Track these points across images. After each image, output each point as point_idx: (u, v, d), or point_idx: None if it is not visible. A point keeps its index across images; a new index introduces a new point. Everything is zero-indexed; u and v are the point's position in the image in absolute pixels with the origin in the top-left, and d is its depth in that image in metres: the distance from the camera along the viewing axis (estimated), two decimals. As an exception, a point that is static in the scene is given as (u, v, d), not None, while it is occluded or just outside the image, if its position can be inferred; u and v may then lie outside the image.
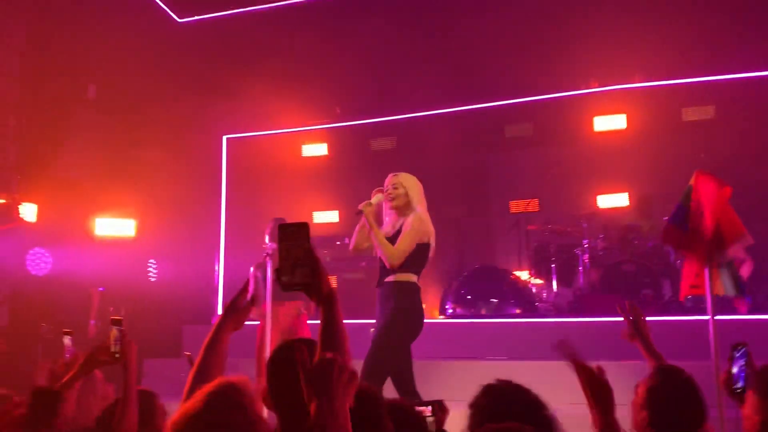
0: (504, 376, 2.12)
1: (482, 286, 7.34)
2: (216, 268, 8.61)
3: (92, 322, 7.10)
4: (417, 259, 4.22)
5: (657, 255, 7.27)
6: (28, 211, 7.81)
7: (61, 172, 8.28)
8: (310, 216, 9.34)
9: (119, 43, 7.85)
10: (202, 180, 8.62)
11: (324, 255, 8.20)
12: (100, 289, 7.52)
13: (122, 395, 2.50)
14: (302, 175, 9.30)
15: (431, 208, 4.45)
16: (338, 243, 8.43)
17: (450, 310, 7.31)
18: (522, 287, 7.48)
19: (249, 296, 2.00)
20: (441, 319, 7.35)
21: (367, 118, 9.21)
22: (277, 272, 1.62)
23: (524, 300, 7.28)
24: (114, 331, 2.56)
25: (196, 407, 1.44)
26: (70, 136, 8.47)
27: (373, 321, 4.34)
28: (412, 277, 4.21)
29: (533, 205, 8.96)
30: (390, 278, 4.24)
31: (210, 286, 8.58)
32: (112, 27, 7.73)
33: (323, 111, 9.03)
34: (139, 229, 8.59)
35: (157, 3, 8.08)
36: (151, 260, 8.63)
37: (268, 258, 4.51)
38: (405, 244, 4.16)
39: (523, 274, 7.95)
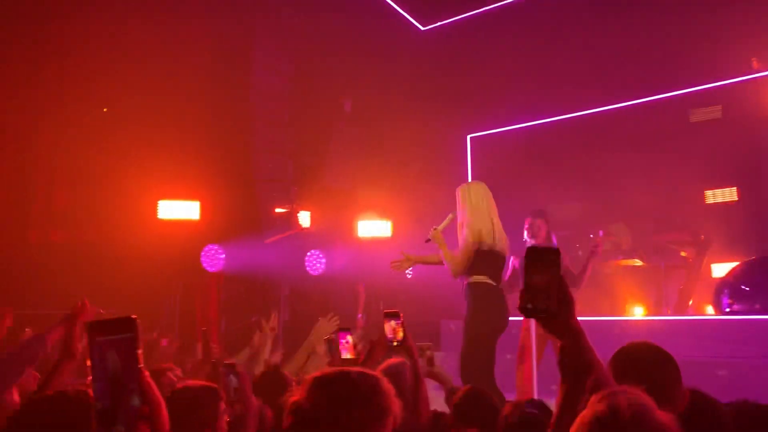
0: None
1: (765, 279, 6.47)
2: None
3: (359, 315, 7.66)
4: (482, 263, 4.46)
5: None
6: (304, 218, 8.77)
7: (327, 181, 9.16)
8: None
9: (369, 58, 8.47)
10: (451, 178, 8.83)
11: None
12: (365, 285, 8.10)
13: (412, 382, 2.70)
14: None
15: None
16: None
17: (727, 307, 6.56)
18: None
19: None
20: (717, 317, 6.64)
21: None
22: (521, 297, 1.53)
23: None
24: (391, 323, 2.74)
25: (603, 410, 1.28)
26: (332, 147, 9.34)
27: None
28: (485, 278, 4.45)
29: None
30: (466, 281, 4.55)
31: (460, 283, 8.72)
32: (362, 45, 8.34)
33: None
34: (395, 229, 9.11)
35: (403, 15, 8.51)
36: (408, 258, 9.05)
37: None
38: (459, 257, 4.49)
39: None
